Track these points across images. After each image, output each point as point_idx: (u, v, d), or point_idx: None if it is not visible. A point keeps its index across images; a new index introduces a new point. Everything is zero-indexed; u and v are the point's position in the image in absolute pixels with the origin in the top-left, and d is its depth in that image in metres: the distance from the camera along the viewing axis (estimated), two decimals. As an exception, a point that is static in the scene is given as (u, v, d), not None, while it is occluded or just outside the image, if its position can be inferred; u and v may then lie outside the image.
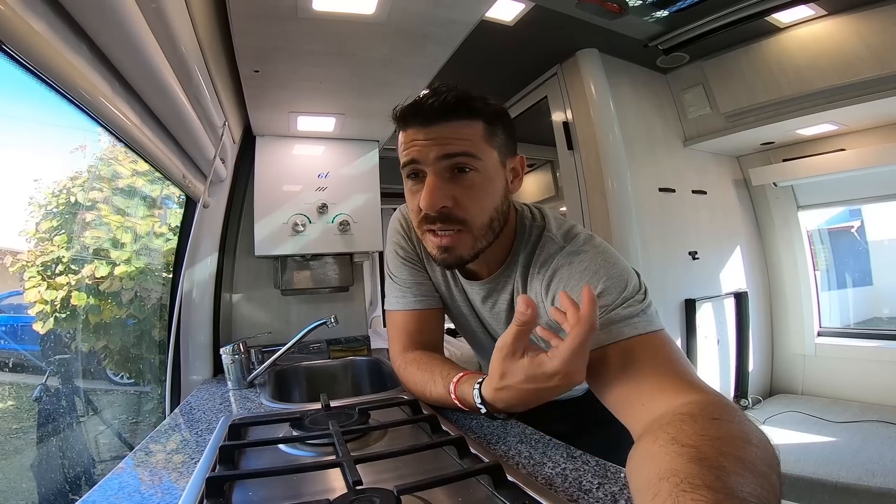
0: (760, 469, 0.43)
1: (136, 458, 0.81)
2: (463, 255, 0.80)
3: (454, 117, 0.75)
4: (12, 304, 1.38)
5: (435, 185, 0.75)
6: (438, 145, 0.75)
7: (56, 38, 0.55)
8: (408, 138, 0.78)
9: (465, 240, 0.78)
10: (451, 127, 0.75)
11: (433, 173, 0.76)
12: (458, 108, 0.75)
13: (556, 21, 2.08)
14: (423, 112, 0.76)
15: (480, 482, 0.61)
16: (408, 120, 0.77)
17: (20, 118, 1.06)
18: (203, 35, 0.97)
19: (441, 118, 0.75)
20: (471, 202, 0.77)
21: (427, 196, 0.75)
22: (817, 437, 2.31)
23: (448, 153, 0.75)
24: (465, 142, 0.75)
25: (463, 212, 0.77)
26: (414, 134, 0.77)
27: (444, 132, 0.75)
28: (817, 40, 2.24)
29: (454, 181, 0.76)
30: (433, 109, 0.75)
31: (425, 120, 0.76)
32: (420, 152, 0.76)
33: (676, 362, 0.65)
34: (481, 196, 0.78)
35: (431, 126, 0.75)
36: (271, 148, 1.67)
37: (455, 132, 0.75)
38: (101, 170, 1.49)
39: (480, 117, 0.77)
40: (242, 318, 1.79)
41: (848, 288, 3.22)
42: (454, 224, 0.77)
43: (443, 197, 0.75)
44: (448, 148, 0.75)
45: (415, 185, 0.79)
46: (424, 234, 0.81)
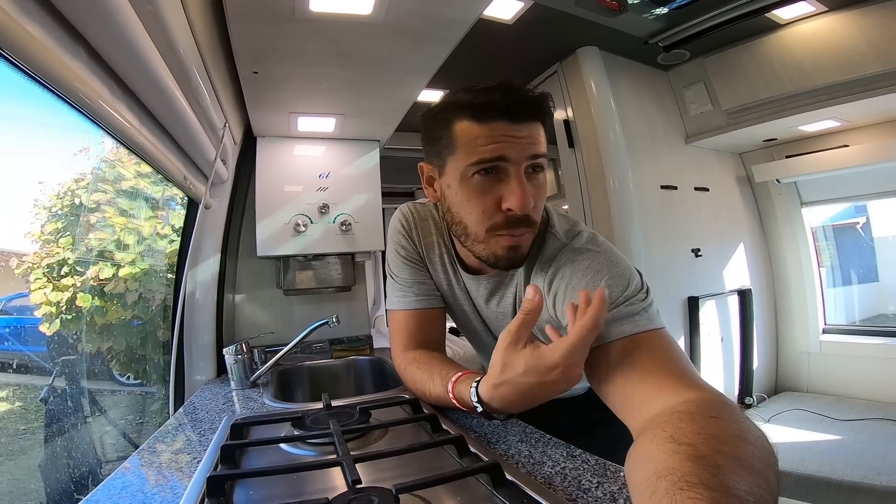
0: (758, 467, 0.43)
1: (140, 457, 0.82)
2: (525, 253, 0.81)
3: (538, 118, 0.75)
4: (18, 305, 1.39)
5: (526, 184, 0.74)
6: (531, 144, 0.74)
7: (53, 41, 0.55)
8: (493, 132, 0.73)
9: (530, 239, 0.80)
10: (536, 127, 0.75)
11: (520, 173, 0.74)
12: (541, 109, 0.75)
13: (556, 19, 2.07)
14: (516, 108, 0.73)
15: (479, 481, 0.61)
16: (491, 114, 0.73)
17: (23, 121, 1.06)
18: (201, 37, 0.98)
19: (530, 117, 0.74)
20: (540, 203, 0.78)
21: (524, 195, 0.73)
22: (822, 436, 2.30)
23: (537, 153, 0.75)
24: (544, 143, 0.76)
25: (536, 213, 0.78)
26: (503, 129, 0.73)
27: (533, 131, 0.74)
28: (818, 36, 2.22)
29: (531, 181, 0.75)
30: (524, 106, 0.73)
31: (517, 116, 0.73)
32: (511, 148, 0.73)
33: (676, 360, 0.65)
34: (545, 196, 0.79)
35: (521, 123, 0.73)
36: (272, 148, 1.68)
37: (539, 133, 0.75)
38: (104, 172, 1.50)
39: (547, 122, 0.78)
40: (245, 318, 1.80)
41: (853, 285, 3.19)
42: (531, 226, 0.78)
43: (532, 198, 0.74)
44: (537, 148, 0.74)
45: (486, 183, 0.75)
46: (492, 236, 0.78)
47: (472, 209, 0.77)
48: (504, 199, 0.74)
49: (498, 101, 0.73)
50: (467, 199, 0.77)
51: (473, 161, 0.74)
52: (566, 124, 2.53)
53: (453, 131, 0.76)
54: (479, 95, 0.74)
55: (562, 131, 2.54)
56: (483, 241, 0.80)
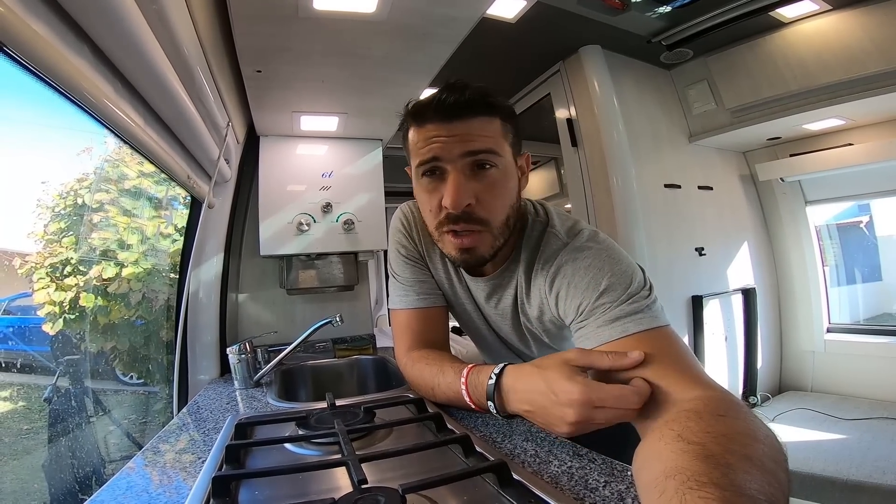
0: (768, 466, 0.43)
1: (145, 457, 0.82)
2: (484, 254, 0.79)
3: (475, 114, 0.74)
4: (21, 305, 1.39)
5: (459, 181, 0.73)
6: (462, 142, 0.73)
7: (58, 40, 0.55)
8: (427, 135, 0.75)
9: (485, 239, 0.78)
10: (474, 123, 0.74)
11: (456, 170, 0.74)
12: (479, 104, 0.74)
13: (559, 18, 2.07)
14: (444, 108, 0.74)
15: (486, 481, 0.60)
16: (426, 116, 0.75)
17: (26, 121, 1.06)
18: (205, 36, 0.98)
19: (463, 114, 0.73)
20: (492, 200, 0.76)
21: (452, 194, 0.73)
22: (827, 435, 2.29)
23: (472, 150, 0.74)
24: (487, 138, 0.75)
25: (485, 210, 0.76)
26: (434, 130, 0.75)
27: (467, 128, 0.74)
28: (822, 35, 2.21)
29: (475, 179, 0.75)
30: (455, 105, 0.73)
31: (446, 116, 0.74)
32: (442, 149, 0.74)
33: (682, 358, 0.65)
34: (501, 193, 0.77)
35: (453, 122, 0.74)
36: (275, 148, 1.68)
37: (477, 129, 0.74)
38: (107, 171, 1.50)
39: (498, 114, 0.76)
40: (248, 317, 1.80)
41: (857, 283, 3.18)
42: (475, 224, 0.76)
43: (467, 194, 0.74)
44: (472, 144, 0.74)
45: (431, 184, 0.77)
46: (443, 235, 0.80)
47: (424, 209, 0.81)
48: (443, 198, 0.75)
49: (430, 103, 0.75)
50: (421, 201, 0.82)
51: (417, 164, 0.78)
52: (569, 123, 2.52)
53: (407, 138, 0.80)
54: (421, 100, 0.76)
55: (565, 130, 2.54)
56: (440, 241, 0.82)
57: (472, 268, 0.85)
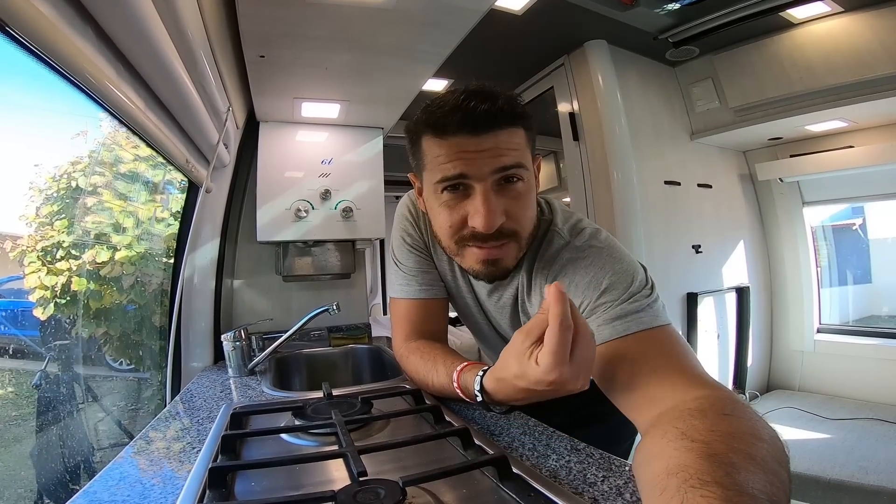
0: (771, 465, 0.43)
1: (138, 446, 0.81)
2: (509, 266, 0.78)
3: (504, 125, 0.70)
4: (12, 289, 1.37)
5: (491, 201, 0.70)
6: (494, 157, 0.70)
7: (62, 20, 0.54)
8: (453, 148, 0.71)
9: (511, 250, 0.76)
10: (503, 136, 0.70)
11: (486, 188, 0.70)
12: (509, 115, 0.70)
13: (565, 11, 2.05)
14: (472, 119, 0.69)
15: (485, 474, 0.61)
16: (450, 128, 0.70)
17: (20, 104, 1.05)
18: (209, 19, 0.96)
19: (492, 126, 0.69)
20: (521, 213, 0.74)
21: (486, 215, 0.70)
22: (812, 434, 2.32)
23: (504, 165, 0.70)
24: (516, 152, 0.71)
25: (514, 223, 0.74)
26: (461, 144, 0.70)
27: (497, 142, 0.70)
28: (831, 36, 2.21)
29: (503, 193, 0.72)
30: (483, 117, 0.69)
31: (475, 128, 0.69)
32: (472, 165, 0.70)
33: (684, 357, 0.65)
34: (528, 205, 0.75)
35: (482, 135, 0.69)
36: (275, 134, 1.66)
37: (506, 142, 0.70)
38: (102, 155, 1.48)
39: (523, 124, 0.73)
40: (244, 304, 1.79)
41: (848, 285, 3.22)
42: (504, 238, 0.74)
43: (500, 214, 0.71)
44: (504, 160, 0.70)
45: (453, 200, 0.73)
46: (464, 248, 0.77)
47: (442, 224, 0.77)
48: (470, 216, 0.72)
49: (456, 115, 0.69)
50: (438, 215, 0.77)
51: (438, 179, 0.73)
52: (571, 117, 2.51)
53: (422, 147, 0.76)
54: (440, 108, 0.71)
55: (567, 124, 2.53)
56: (457, 255, 0.80)
57: (496, 279, 0.82)
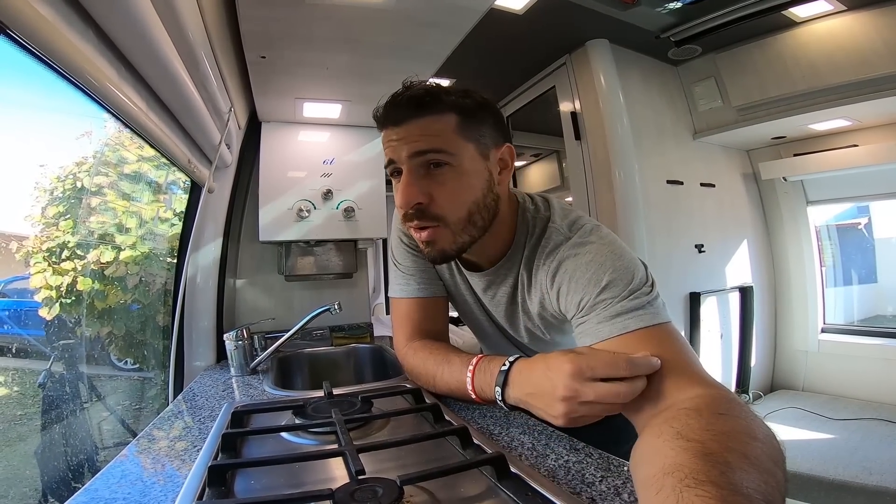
0: (766, 465, 0.43)
1: (139, 445, 0.81)
2: (445, 248, 0.80)
3: (424, 113, 0.75)
4: (17, 288, 1.38)
5: (407, 182, 0.76)
6: (408, 143, 0.75)
7: (63, 22, 0.54)
8: (385, 138, 0.78)
9: (444, 235, 0.79)
10: (421, 123, 0.75)
11: (407, 171, 0.76)
12: (427, 103, 0.75)
13: (567, 10, 2.05)
14: (394, 110, 0.76)
15: (483, 473, 0.61)
16: (383, 120, 0.78)
17: (26, 104, 1.05)
18: (210, 20, 0.96)
19: (411, 115, 0.75)
20: (446, 197, 0.76)
21: (400, 194, 0.76)
22: (816, 434, 2.32)
23: (417, 150, 0.75)
24: (435, 137, 0.75)
25: (438, 208, 0.77)
26: (389, 133, 0.77)
27: (414, 129, 0.75)
28: (834, 35, 2.20)
29: (429, 177, 0.76)
30: (402, 106, 0.75)
31: (397, 118, 0.76)
32: (395, 151, 0.76)
33: (683, 355, 0.65)
34: (456, 191, 0.77)
35: (402, 124, 0.76)
36: (277, 134, 1.67)
37: (425, 128, 0.75)
38: (106, 155, 1.49)
39: (453, 111, 0.76)
40: (246, 303, 1.80)
41: (853, 285, 3.20)
42: (431, 220, 0.77)
43: (416, 193, 0.75)
44: (416, 145, 0.75)
45: (397, 184, 0.79)
46: (410, 230, 0.82)
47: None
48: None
49: (386, 106, 0.77)
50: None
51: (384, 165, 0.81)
52: (573, 116, 2.51)
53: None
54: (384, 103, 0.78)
55: (569, 123, 2.52)
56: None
57: (437, 261, 0.85)
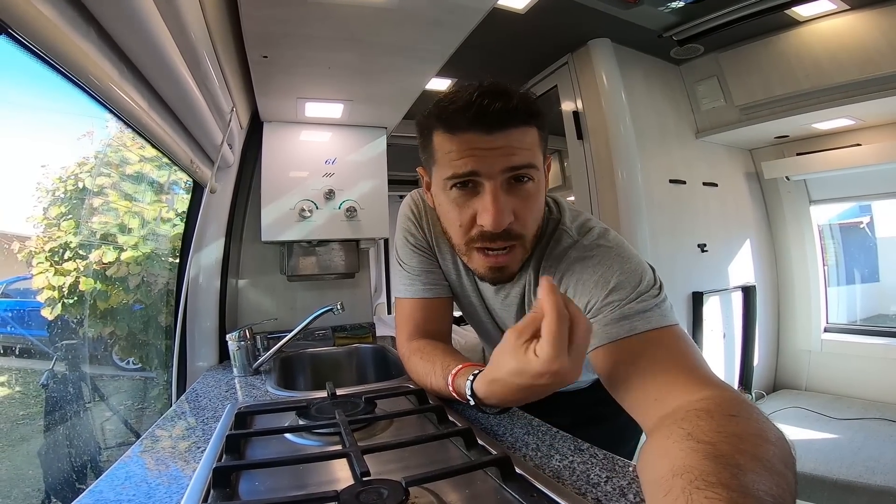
0: (777, 468, 0.43)
1: (143, 446, 0.81)
2: (514, 271, 0.78)
3: (517, 124, 0.69)
4: (19, 289, 1.38)
5: (500, 199, 0.69)
6: (505, 156, 0.69)
7: (64, 22, 0.54)
8: (464, 145, 0.70)
9: (517, 255, 0.76)
10: (515, 134, 0.69)
11: (495, 187, 0.69)
12: (523, 113, 0.69)
13: (569, 9, 2.04)
14: (486, 117, 0.68)
15: (488, 474, 0.60)
16: (462, 125, 0.69)
17: (27, 105, 1.05)
18: (212, 20, 0.96)
19: (505, 125, 0.68)
20: (528, 214, 0.74)
21: (494, 213, 0.69)
22: (819, 434, 2.31)
23: (515, 164, 0.69)
24: (528, 152, 0.71)
25: (521, 226, 0.73)
26: (473, 140, 0.69)
27: (510, 141, 0.69)
28: (838, 34, 2.19)
29: (513, 193, 0.71)
30: (497, 115, 0.67)
31: (488, 126, 0.68)
32: (482, 162, 0.69)
33: (691, 357, 0.65)
34: (536, 206, 0.75)
35: (494, 133, 0.68)
36: (279, 134, 1.66)
37: (519, 141, 0.69)
38: (108, 156, 1.49)
39: (536, 123, 0.72)
40: (248, 304, 1.80)
41: (855, 284, 3.19)
42: (511, 240, 0.74)
43: (508, 213, 0.70)
44: (515, 159, 0.69)
45: (463, 197, 0.73)
46: (472, 251, 0.77)
47: (452, 222, 0.77)
48: (479, 214, 0.72)
49: (468, 111, 0.68)
50: (448, 212, 0.77)
51: (448, 175, 0.72)
52: (575, 116, 2.50)
53: (433, 142, 0.75)
54: (453, 103, 0.70)
55: (571, 123, 2.52)
56: (466, 255, 0.80)
57: (502, 283, 0.83)
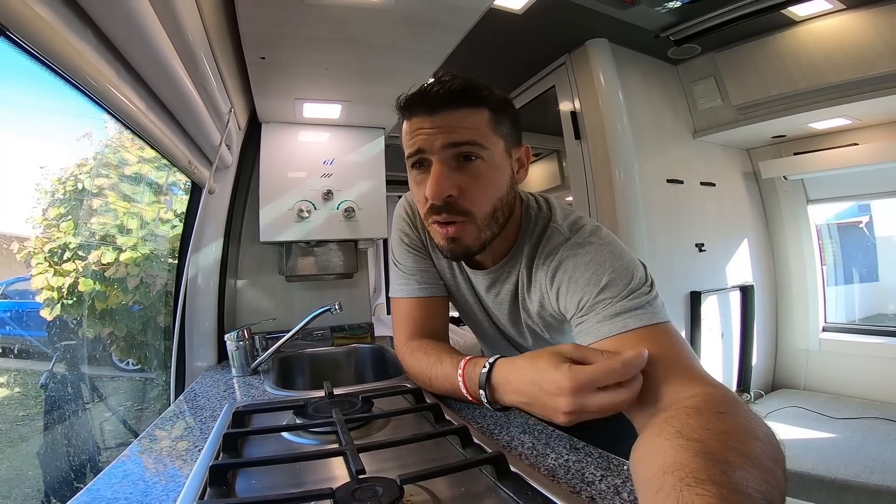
0: (766, 464, 0.43)
1: (141, 445, 0.82)
2: (469, 245, 0.79)
3: (460, 105, 0.74)
4: (18, 289, 1.38)
5: (441, 173, 0.74)
6: (444, 133, 0.74)
7: (61, 23, 0.54)
8: (413, 127, 0.77)
9: (469, 230, 0.78)
10: (457, 115, 0.74)
11: (438, 161, 0.75)
12: (464, 95, 0.74)
13: (566, 10, 2.05)
14: (428, 100, 0.74)
15: (483, 472, 0.61)
16: (412, 108, 0.76)
17: (26, 106, 1.06)
18: (209, 21, 0.96)
19: (447, 106, 0.74)
20: (476, 191, 0.76)
21: (433, 184, 0.74)
22: (818, 433, 2.31)
23: (454, 141, 0.74)
24: (472, 130, 0.74)
25: (468, 202, 0.76)
26: (419, 122, 0.76)
27: (450, 120, 0.74)
28: (834, 34, 2.19)
29: (460, 170, 0.75)
30: (438, 97, 0.74)
31: (430, 108, 0.74)
32: (426, 140, 0.75)
33: (682, 355, 0.65)
34: (487, 185, 0.77)
35: (437, 114, 0.74)
36: (277, 134, 1.67)
37: (461, 120, 0.74)
38: (107, 157, 1.49)
39: (486, 105, 0.76)
40: (247, 304, 1.80)
41: (854, 283, 3.20)
42: (459, 214, 0.76)
43: (449, 185, 0.74)
44: (454, 136, 0.74)
45: (420, 175, 0.79)
46: (431, 225, 0.80)
47: (417, 200, 0.82)
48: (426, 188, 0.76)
49: (417, 95, 0.76)
50: (413, 193, 0.83)
51: (406, 156, 0.79)
52: (573, 116, 2.51)
53: (402, 129, 0.81)
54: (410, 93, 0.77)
55: (568, 122, 2.52)
56: (430, 231, 0.83)
57: (459, 258, 0.85)
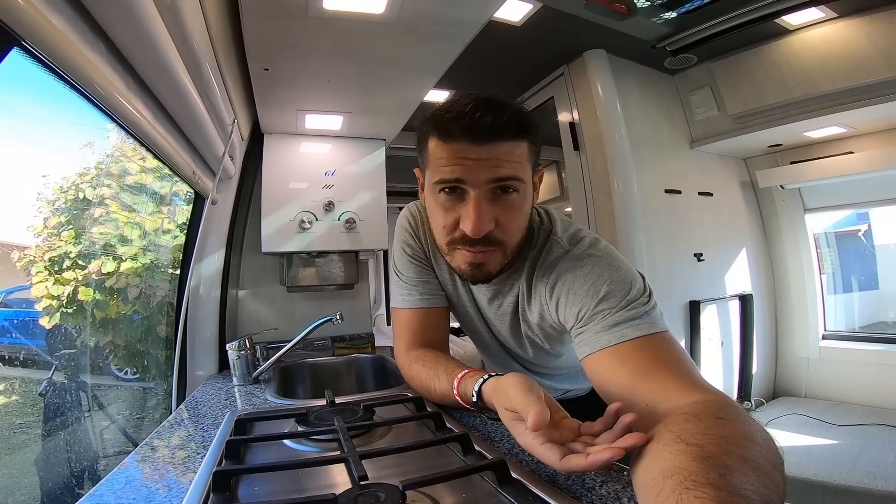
0: (764, 468, 0.44)
1: (143, 452, 0.82)
2: (492, 271, 0.80)
3: (506, 137, 0.72)
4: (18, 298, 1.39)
5: (482, 208, 0.72)
6: (491, 168, 0.71)
7: (75, 34, 0.55)
8: (453, 153, 0.72)
9: (496, 257, 0.78)
10: (504, 147, 0.71)
11: (479, 195, 0.72)
12: (511, 128, 0.72)
13: (564, 22, 2.07)
14: (475, 129, 0.70)
15: (484, 478, 0.61)
16: (453, 132, 0.72)
17: (28, 115, 1.07)
18: (215, 32, 0.98)
19: (495, 137, 0.71)
20: (511, 223, 0.76)
21: (475, 221, 0.72)
22: (819, 440, 2.30)
23: (500, 177, 0.72)
24: (515, 164, 0.73)
25: (503, 233, 0.76)
26: (462, 150, 0.72)
27: (497, 152, 0.71)
28: (827, 42, 2.22)
29: (496, 201, 0.74)
30: (487, 127, 0.70)
31: (477, 138, 0.70)
32: (468, 172, 0.72)
33: (681, 363, 0.66)
34: (520, 217, 0.77)
35: (483, 145, 0.71)
36: (279, 145, 1.68)
37: (507, 153, 0.72)
38: (110, 166, 1.50)
39: (527, 137, 0.74)
40: (248, 314, 1.80)
41: (854, 291, 3.19)
42: (491, 245, 0.76)
43: (489, 221, 0.73)
44: (501, 171, 0.72)
45: (450, 202, 0.76)
46: (454, 249, 0.79)
47: (437, 224, 0.80)
48: (462, 220, 0.74)
49: (461, 121, 0.70)
50: (434, 214, 0.80)
51: (437, 179, 0.75)
52: (571, 127, 2.52)
53: (427, 146, 0.78)
54: (448, 112, 0.72)
55: (567, 133, 2.54)
56: (448, 254, 0.82)
57: (478, 283, 0.85)
